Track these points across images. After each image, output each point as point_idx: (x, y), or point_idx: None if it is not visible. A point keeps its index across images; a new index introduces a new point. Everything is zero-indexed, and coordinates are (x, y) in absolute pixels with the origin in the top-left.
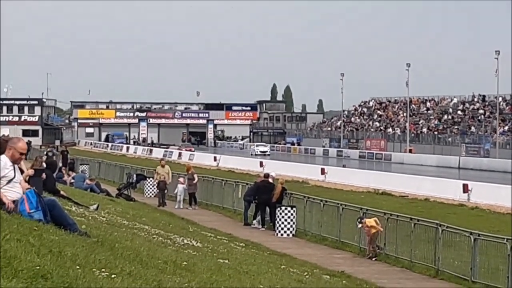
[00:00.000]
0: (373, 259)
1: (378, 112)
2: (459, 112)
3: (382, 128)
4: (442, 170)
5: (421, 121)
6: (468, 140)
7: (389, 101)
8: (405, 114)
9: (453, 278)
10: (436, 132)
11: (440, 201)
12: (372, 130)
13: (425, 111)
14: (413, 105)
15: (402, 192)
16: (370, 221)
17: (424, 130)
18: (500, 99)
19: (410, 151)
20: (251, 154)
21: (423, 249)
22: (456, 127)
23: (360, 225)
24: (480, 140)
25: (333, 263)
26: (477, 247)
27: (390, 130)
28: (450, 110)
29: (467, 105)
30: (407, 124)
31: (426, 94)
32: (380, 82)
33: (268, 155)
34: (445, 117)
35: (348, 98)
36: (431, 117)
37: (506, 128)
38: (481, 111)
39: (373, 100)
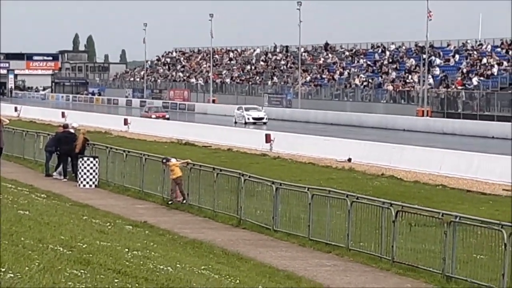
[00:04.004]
0: (184, 201)
1: (181, 62)
2: (261, 62)
3: (185, 78)
4: None
5: (224, 72)
6: (271, 91)
7: (193, 51)
8: (208, 64)
9: (255, 227)
10: (239, 82)
11: (243, 151)
12: (175, 80)
13: (228, 62)
14: (216, 56)
15: (205, 142)
16: (176, 163)
17: (227, 80)
18: (302, 49)
19: (213, 101)
20: (235, 123)
21: (226, 199)
22: (258, 78)
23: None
24: (282, 91)
25: (136, 213)
26: (279, 196)
27: (193, 80)
28: (253, 60)
29: (269, 55)
30: (210, 74)
31: (229, 45)
32: (184, 32)
33: (265, 123)
34: (248, 67)
35: (152, 48)
36: (234, 67)
37: (308, 78)
38: (283, 62)
39: (176, 51)
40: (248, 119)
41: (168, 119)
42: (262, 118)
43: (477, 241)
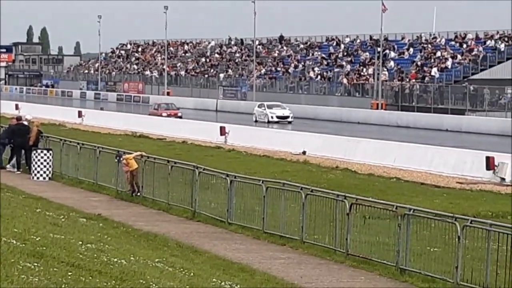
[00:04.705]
0: (138, 193)
1: (136, 54)
2: (216, 55)
3: (140, 70)
4: (200, 112)
5: (179, 64)
6: (226, 83)
7: (147, 44)
8: (163, 56)
9: (209, 219)
10: (193, 75)
11: (198, 143)
12: (130, 73)
13: (183, 54)
14: (171, 48)
15: (160, 135)
16: (129, 157)
17: (182, 72)
18: (257, 42)
19: (168, 93)
20: (256, 121)
21: (180, 191)
22: (213, 70)
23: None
24: (237, 83)
25: (90, 206)
26: (233, 189)
27: (148, 72)
28: (208, 53)
29: (224, 48)
30: (165, 67)
31: (184, 37)
32: (138, 25)
33: (290, 122)
34: (203, 60)
35: (106, 40)
36: (189, 60)
37: (263, 71)
38: (238, 54)
39: (131, 43)
40: (272, 117)
41: (180, 117)
42: (287, 117)
43: (431, 234)
